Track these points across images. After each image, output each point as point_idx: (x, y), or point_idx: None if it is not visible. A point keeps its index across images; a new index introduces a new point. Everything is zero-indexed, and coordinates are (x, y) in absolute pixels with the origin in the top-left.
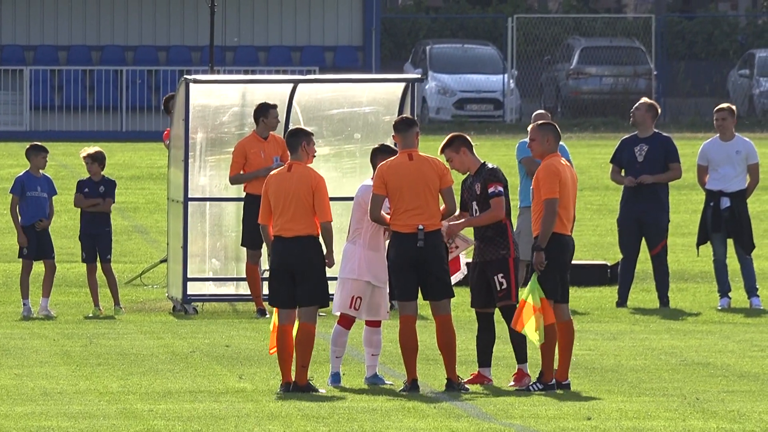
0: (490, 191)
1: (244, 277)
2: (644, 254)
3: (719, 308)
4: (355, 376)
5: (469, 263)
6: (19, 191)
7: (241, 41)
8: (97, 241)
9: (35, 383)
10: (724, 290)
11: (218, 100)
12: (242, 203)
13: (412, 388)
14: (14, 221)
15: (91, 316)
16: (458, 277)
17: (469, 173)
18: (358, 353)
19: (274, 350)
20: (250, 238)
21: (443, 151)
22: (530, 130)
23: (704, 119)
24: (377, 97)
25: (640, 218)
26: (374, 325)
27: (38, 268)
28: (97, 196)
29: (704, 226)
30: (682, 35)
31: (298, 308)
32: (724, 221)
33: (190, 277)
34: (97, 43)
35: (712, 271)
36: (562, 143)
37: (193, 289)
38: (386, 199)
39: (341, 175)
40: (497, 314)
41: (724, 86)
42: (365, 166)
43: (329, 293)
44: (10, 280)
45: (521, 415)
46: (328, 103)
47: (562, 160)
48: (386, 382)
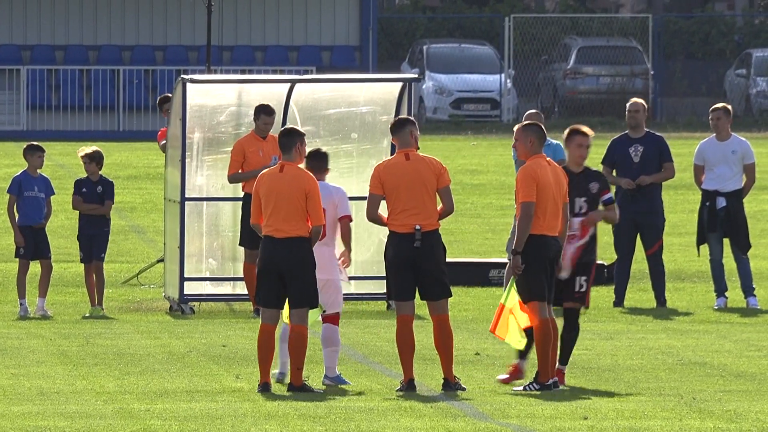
0: (607, 197)
1: (241, 276)
2: (640, 254)
3: (716, 308)
4: (350, 375)
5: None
6: (16, 191)
7: (238, 41)
8: (94, 241)
9: (32, 383)
10: (720, 290)
11: (215, 99)
12: (239, 203)
13: (408, 387)
14: (11, 221)
15: (88, 315)
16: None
17: (572, 171)
18: (354, 352)
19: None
20: (247, 237)
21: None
22: (515, 131)
23: (701, 119)
24: (374, 96)
25: (635, 219)
26: (333, 321)
27: (35, 268)
28: (95, 196)
29: (701, 226)
30: (678, 35)
31: (289, 311)
32: (720, 221)
33: (186, 276)
34: (94, 42)
35: (708, 270)
36: (557, 142)
37: (189, 288)
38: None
39: (338, 174)
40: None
41: (720, 86)
42: (362, 165)
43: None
44: (6, 279)
45: (518, 414)
46: (325, 102)
47: (544, 160)
48: (347, 381)
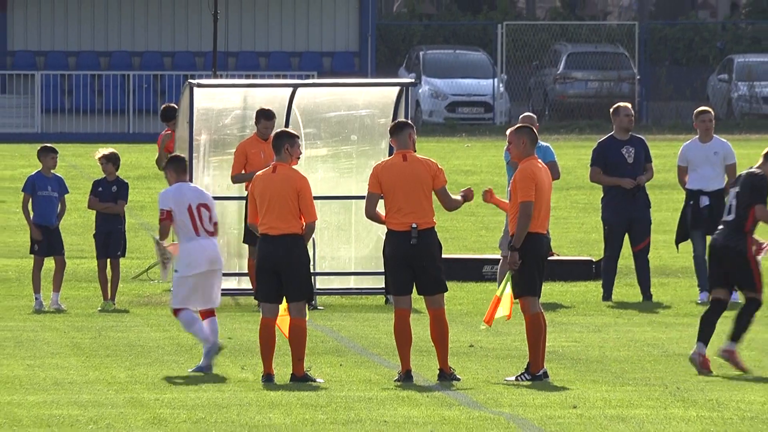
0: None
1: (245, 272)
2: (626, 250)
3: (699, 302)
4: (352, 366)
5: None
6: (30, 190)
7: (242, 47)
8: (109, 238)
9: (47, 373)
10: (703, 285)
11: (221, 103)
12: (244, 202)
13: (406, 378)
14: (26, 218)
15: (100, 309)
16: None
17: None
18: (354, 344)
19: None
20: (252, 235)
21: None
22: (508, 134)
23: (685, 122)
24: (373, 100)
25: (629, 217)
26: (210, 314)
27: (49, 264)
28: (110, 196)
29: (684, 223)
30: (664, 41)
31: (287, 305)
32: (703, 219)
33: None
34: (105, 49)
35: (692, 266)
36: (547, 144)
37: None
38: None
39: (339, 175)
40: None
41: (704, 90)
42: (362, 166)
43: (315, 288)
44: (22, 275)
45: (510, 403)
46: (326, 106)
47: (539, 162)
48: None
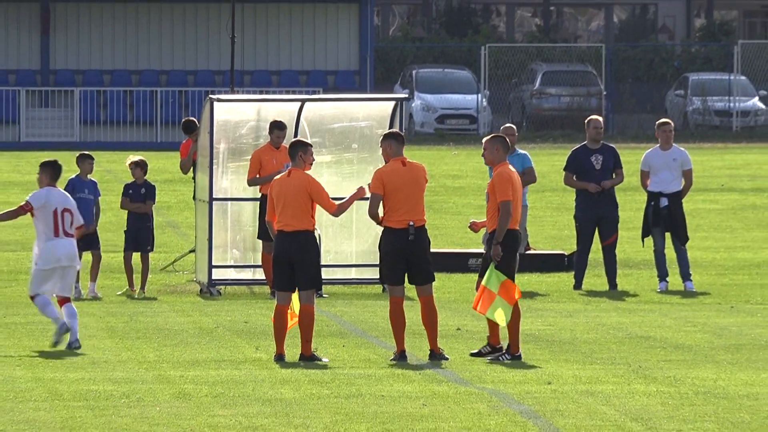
0: None
1: (259, 264)
2: (595, 245)
3: (658, 291)
4: (353, 347)
5: None
6: (70, 191)
7: (257, 66)
8: (139, 234)
9: (84, 354)
10: (662, 275)
11: (238, 116)
12: (258, 202)
13: (400, 357)
14: None
15: (120, 293)
16: None
17: None
18: (354, 328)
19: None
20: (265, 231)
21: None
22: (483, 141)
23: (646, 132)
24: (371, 113)
25: (597, 216)
26: (66, 301)
27: (87, 257)
28: (139, 196)
29: (646, 221)
30: (627, 61)
31: (298, 292)
32: (662, 218)
33: (214, 264)
34: (136, 67)
35: (652, 259)
36: (525, 152)
37: (216, 274)
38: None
39: (341, 179)
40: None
41: (662, 104)
42: (361, 171)
43: (322, 278)
44: None
45: (492, 380)
46: (330, 118)
47: (511, 167)
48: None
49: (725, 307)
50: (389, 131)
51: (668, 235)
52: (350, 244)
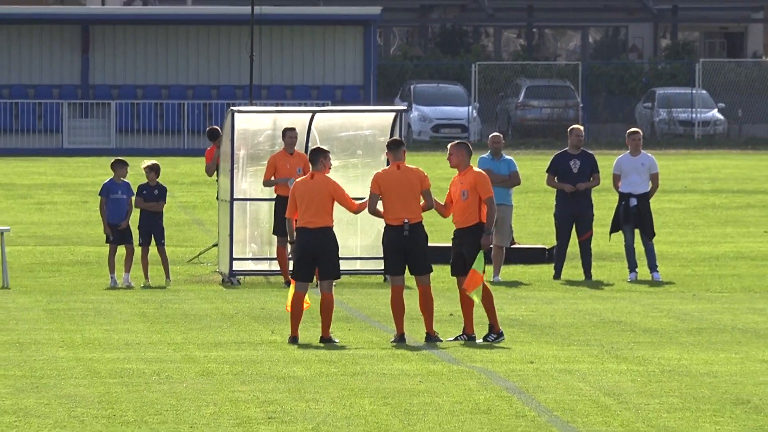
0: None
1: (274, 257)
2: (573, 240)
3: (629, 280)
4: (358, 330)
5: None
6: (105, 194)
7: (273, 81)
8: (153, 230)
9: (119, 336)
10: (632, 267)
11: (256, 125)
12: (273, 202)
13: (399, 340)
14: (102, 216)
15: (143, 287)
16: None
17: None
18: (359, 313)
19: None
20: (279, 228)
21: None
22: (449, 147)
23: (618, 140)
24: (374, 123)
25: (574, 214)
26: None
27: (121, 250)
28: (152, 197)
29: (617, 219)
30: (601, 77)
31: (319, 282)
32: (632, 216)
33: (234, 257)
34: (165, 82)
35: (623, 252)
36: (510, 157)
37: (236, 266)
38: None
39: (347, 182)
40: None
41: (632, 115)
42: (366, 175)
43: (340, 270)
44: (100, 259)
45: (481, 359)
46: (338, 127)
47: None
48: None
49: (688, 295)
50: (391, 139)
51: (637, 231)
52: (355, 239)
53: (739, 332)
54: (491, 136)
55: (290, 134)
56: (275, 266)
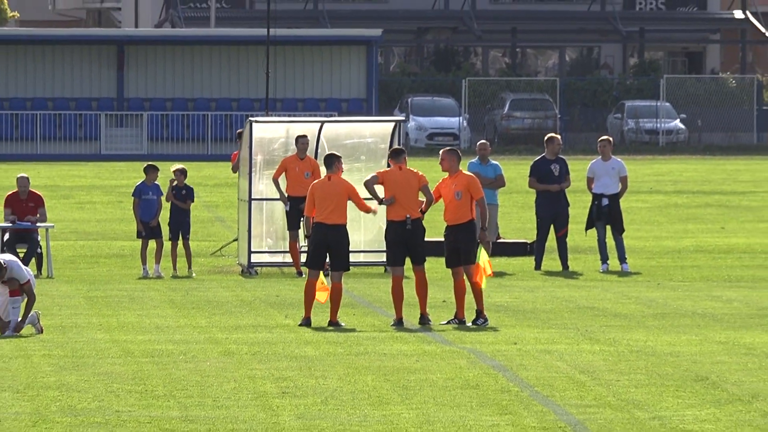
0: None
1: (287, 250)
2: (551, 235)
3: (601, 271)
4: (361, 315)
5: None
6: (137, 195)
7: (286, 95)
8: (181, 227)
9: (150, 320)
10: (604, 259)
11: (271, 133)
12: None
13: (398, 323)
14: (135, 215)
15: (172, 276)
16: None
17: None
18: (362, 300)
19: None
20: (292, 224)
21: None
22: (441, 152)
23: (591, 147)
24: (376, 132)
25: (553, 212)
26: None
27: (151, 244)
28: (180, 197)
29: (591, 217)
30: (577, 91)
31: (330, 272)
32: (604, 214)
33: (252, 250)
34: (191, 96)
35: (596, 246)
36: (496, 162)
37: (254, 258)
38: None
39: (352, 183)
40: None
41: (604, 125)
42: None
43: (350, 262)
44: (134, 252)
45: (471, 341)
46: (343, 135)
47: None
48: None
49: (653, 284)
50: (394, 148)
51: (608, 227)
52: (359, 234)
53: (698, 317)
54: (479, 143)
55: (302, 141)
56: (288, 258)
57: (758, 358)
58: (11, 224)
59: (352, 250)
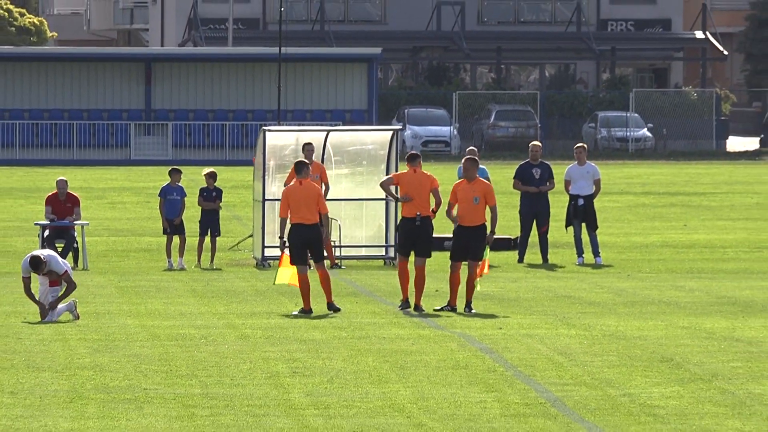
0: None
1: None
2: (533, 231)
3: (577, 264)
4: (363, 303)
5: None
6: (162, 195)
7: (296, 106)
8: (211, 225)
9: (175, 308)
10: (579, 253)
11: (282, 141)
12: None
13: (404, 304)
14: (161, 213)
15: (195, 266)
16: None
17: None
18: (363, 289)
19: (280, 281)
20: None
21: None
22: (464, 161)
23: (568, 153)
24: (376, 139)
25: (535, 211)
26: None
27: (176, 240)
28: (210, 198)
29: (569, 215)
30: (555, 104)
31: (314, 263)
32: (580, 213)
33: (266, 245)
34: (211, 107)
35: (572, 241)
36: (483, 166)
37: (267, 252)
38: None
39: (354, 185)
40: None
41: (580, 134)
42: (369, 181)
43: (336, 255)
44: (160, 247)
45: (461, 326)
46: (347, 143)
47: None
48: None
49: (624, 275)
50: (410, 153)
51: (584, 225)
52: (361, 230)
53: (664, 304)
54: (468, 150)
55: (308, 148)
56: None
57: (717, 341)
58: (51, 222)
59: (354, 245)
